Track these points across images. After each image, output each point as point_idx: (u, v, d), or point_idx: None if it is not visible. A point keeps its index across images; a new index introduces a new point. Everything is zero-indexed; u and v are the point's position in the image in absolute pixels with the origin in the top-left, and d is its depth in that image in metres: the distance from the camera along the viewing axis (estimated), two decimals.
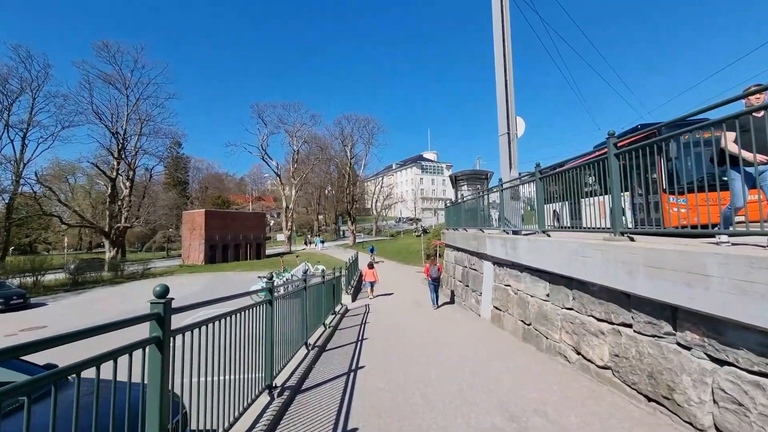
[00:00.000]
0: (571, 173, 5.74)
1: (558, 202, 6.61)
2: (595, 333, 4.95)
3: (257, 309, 3.96)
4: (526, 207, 8.53)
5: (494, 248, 8.87)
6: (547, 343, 6.26)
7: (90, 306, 18.07)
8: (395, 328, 9.23)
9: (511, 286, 8.02)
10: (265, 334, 4.17)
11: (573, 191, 5.73)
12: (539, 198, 6.73)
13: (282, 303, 4.98)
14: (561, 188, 6.03)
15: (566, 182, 5.83)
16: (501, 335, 7.84)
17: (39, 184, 30.41)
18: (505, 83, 10.13)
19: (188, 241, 40.22)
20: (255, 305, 3.88)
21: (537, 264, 6.51)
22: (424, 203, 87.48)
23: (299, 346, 6.09)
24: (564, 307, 5.79)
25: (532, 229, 7.70)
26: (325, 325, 8.52)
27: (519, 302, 7.53)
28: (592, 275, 4.81)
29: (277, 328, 4.53)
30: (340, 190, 63.71)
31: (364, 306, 13.70)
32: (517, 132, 10.30)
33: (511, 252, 7.66)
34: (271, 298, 4.24)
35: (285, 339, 5.16)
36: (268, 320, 4.22)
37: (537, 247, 6.42)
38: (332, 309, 10.65)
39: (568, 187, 5.76)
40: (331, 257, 36.46)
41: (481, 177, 18.31)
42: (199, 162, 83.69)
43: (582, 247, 4.98)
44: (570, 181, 5.75)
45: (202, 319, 2.94)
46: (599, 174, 4.99)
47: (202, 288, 22.23)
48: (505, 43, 10.14)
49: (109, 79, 34.76)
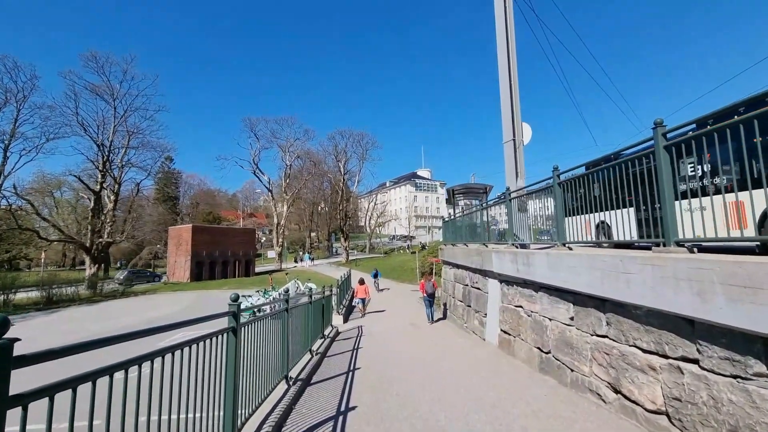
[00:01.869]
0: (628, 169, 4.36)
1: (605, 210, 4.92)
2: (641, 368, 4.01)
3: (216, 340, 2.98)
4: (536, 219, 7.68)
5: (502, 264, 7.96)
6: (573, 376, 5.30)
7: (58, 327, 16.63)
8: (392, 355, 8.18)
9: (523, 307, 7.08)
10: (227, 370, 3.18)
11: (638, 193, 4.27)
12: (558, 207, 5.88)
13: (254, 329, 3.99)
14: (609, 192, 4.68)
15: (623, 182, 4.41)
16: (513, 364, 6.85)
17: (17, 196, 29.03)
18: (510, 86, 9.47)
19: (174, 258, 38.66)
20: (212, 335, 2.90)
21: (557, 282, 5.60)
22: (417, 221, 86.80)
23: (278, 380, 5.05)
24: (595, 334, 4.86)
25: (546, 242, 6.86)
26: (311, 351, 7.45)
27: (534, 326, 6.58)
28: (637, 296, 3.92)
29: (243, 363, 3.53)
30: (333, 207, 62.73)
31: (356, 328, 12.60)
32: (524, 139, 9.58)
33: (524, 269, 6.75)
34: (236, 325, 3.26)
35: (259, 374, 4.14)
36: (230, 353, 3.23)
37: (558, 263, 5.53)
38: (321, 332, 9.57)
39: (633, 188, 4.31)
40: (323, 275, 35.19)
41: (479, 191, 17.54)
42: (190, 177, 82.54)
43: (622, 262, 4.10)
44: (630, 180, 4.35)
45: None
46: (640, 174, 4.17)
47: (183, 308, 20.86)
48: (509, 42, 9.54)
49: (97, 90, 33.85)
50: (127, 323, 16.00)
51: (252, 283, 31.34)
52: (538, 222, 7.57)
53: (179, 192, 79.80)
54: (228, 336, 3.21)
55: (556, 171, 5.89)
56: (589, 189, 5.13)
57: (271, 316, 4.84)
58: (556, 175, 5.89)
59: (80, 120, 32.84)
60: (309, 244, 68.18)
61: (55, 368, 1.57)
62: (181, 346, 2.47)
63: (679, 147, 3.60)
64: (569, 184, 5.75)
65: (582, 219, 5.48)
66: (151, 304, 23.49)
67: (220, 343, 3.09)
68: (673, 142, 3.65)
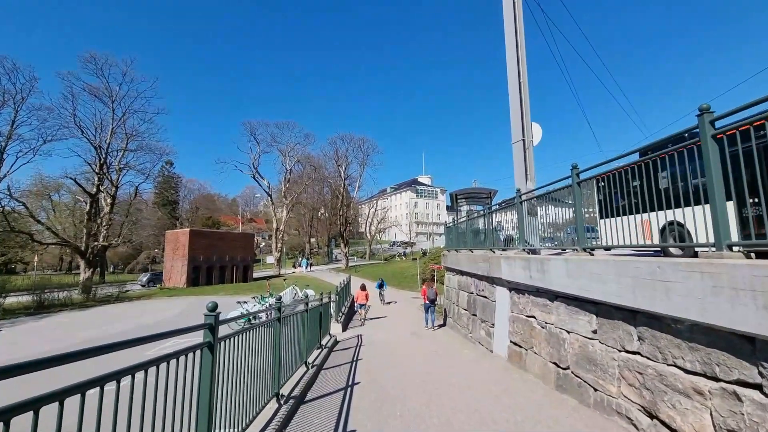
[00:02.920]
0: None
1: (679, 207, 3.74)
2: (683, 391, 3.48)
3: (186, 359, 2.46)
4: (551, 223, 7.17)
5: (512, 271, 7.44)
6: (597, 396, 4.75)
7: (45, 333, 16.02)
8: (394, 368, 7.61)
9: (537, 317, 6.55)
10: (201, 394, 2.65)
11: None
12: (578, 208, 5.38)
13: (239, 343, 3.46)
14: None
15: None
16: (525, 380, 6.29)
17: (11, 198, 28.52)
18: (519, 84, 9.02)
19: (170, 262, 38.00)
20: (179, 354, 2.38)
21: (577, 291, 5.08)
22: (418, 227, 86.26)
23: (268, 399, 4.51)
24: (624, 350, 4.32)
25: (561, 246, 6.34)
26: (307, 364, 6.89)
27: (549, 339, 6.04)
28: (679, 308, 3.40)
29: (225, 381, 3.00)
30: (333, 212, 62.22)
31: (356, 337, 12.01)
32: (534, 139, 9.11)
33: (538, 276, 6.23)
34: (212, 339, 2.73)
35: (244, 393, 3.61)
36: (206, 373, 2.70)
37: (579, 270, 5.01)
38: (318, 342, 9.01)
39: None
40: (322, 281, 34.56)
41: (483, 196, 17.05)
42: (190, 182, 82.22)
43: (661, 269, 3.59)
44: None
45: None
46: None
47: (176, 314, 20.24)
48: (517, 36, 9.11)
49: (95, 92, 33.50)
50: (116, 330, 15.41)
51: (249, 289, 30.71)
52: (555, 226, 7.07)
53: (179, 196, 79.40)
54: (203, 353, 2.69)
55: (575, 169, 5.40)
56: (648, 182, 4.03)
57: (259, 326, 4.31)
58: (575, 174, 5.40)
59: (77, 122, 32.44)
60: (308, 249, 67.52)
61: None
62: (136, 369, 1.94)
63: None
64: (612, 178, 4.79)
65: (632, 220, 4.39)
66: (144, 309, 22.85)
67: (193, 361, 2.57)
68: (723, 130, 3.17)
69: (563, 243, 6.32)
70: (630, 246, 4.50)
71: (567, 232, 6.37)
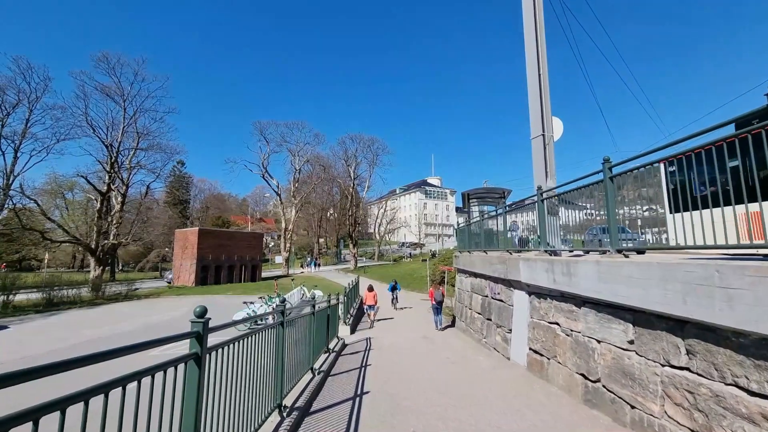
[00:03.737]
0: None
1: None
2: (748, 416, 2.98)
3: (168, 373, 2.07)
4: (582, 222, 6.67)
5: (533, 274, 6.95)
6: (635, 414, 4.25)
7: (52, 331, 15.93)
8: (405, 375, 7.17)
9: (561, 324, 6.05)
10: (185, 412, 2.26)
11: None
12: (611, 205, 4.88)
13: (232, 352, 3.06)
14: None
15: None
16: (549, 392, 5.80)
17: (23, 196, 28.82)
18: (539, 75, 8.52)
19: (179, 261, 38.09)
20: (156, 368, 1.98)
21: (610, 296, 4.59)
22: (427, 228, 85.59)
23: (269, 411, 4.11)
24: (668, 364, 3.82)
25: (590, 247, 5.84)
26: (313, 371, 6.50)
27: (575, 348, 5.54)
28: (743, 319, 2.91)
29: (214, 400, 2.60)
30: (342, 213, 61.99)
31: (365, 340, 11.60)
32: (554, 134, 8.60)
33: (563, 279, 5.74)
34: (199, 350, 2.34)
35: (239, 407, 3.22)
36: (191, 390, 2.31)
37: (612, 274, 4.52)
38: (325, 345, 8.62)
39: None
40: (331, 281, 34.27)
41: (497, 195, 16.51)
42: (201, 182, 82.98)
43: (719, 273, 3.09)
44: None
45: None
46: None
47: (183, 314, 20.06)
48: (536, 20, 8.61)
49: (107, 91, 33.77)
50: (123, 330, 15.26)
51: (257, 289, 30.55)
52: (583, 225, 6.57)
53: (190, 196, 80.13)
54: (187, 367, 2.29)
55: (607, 163, 4.91)
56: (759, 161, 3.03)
57: (260, 331, 3.91)
58: (607, 168, 4.90)
59: (89, 120, 32.72)
60: (317, 250, 67.39)
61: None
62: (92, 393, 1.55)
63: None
64: (694, 158, 3.63)
65: (725, 212, 3.30)
66: (152, 308, 22.78)
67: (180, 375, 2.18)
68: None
69: (593, 243, 5.81)
70: (724, 247, 3.36)
71: (593, 233, 5.87)
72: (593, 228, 6.18)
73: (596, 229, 5.84)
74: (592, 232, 5.90)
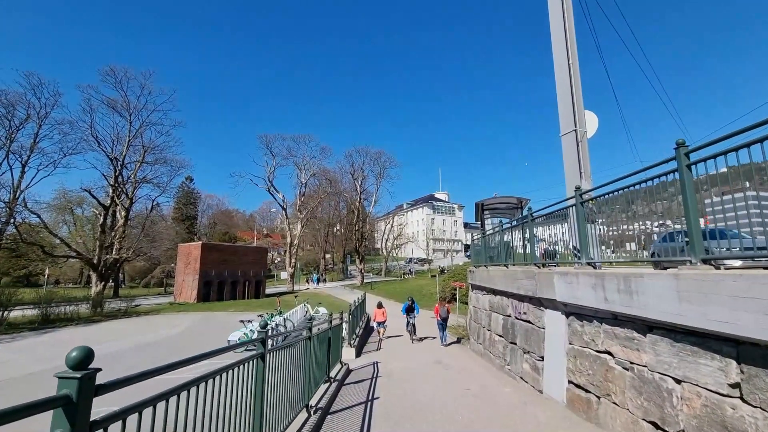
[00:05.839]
0: None
1: None
2: None
3: None
4: None
5: (573, 291, 5.80)
6: None
7: (42, 351, 14.94)
8: (419, 415, 5.96)
9: (615, 354, 4.87)
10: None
11: None
12: (691, 202, 3.78)
13: (199, 394, 1.99)
14: None
15: None
16: None
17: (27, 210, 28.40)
18: (568, 66, 7.54)
19: (182, 276, 37.16)
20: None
21: (699, 322, 3.45)
22: (435, 244, 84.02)
23: None
24: None
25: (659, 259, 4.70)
26: (309, 408, 5.35)
27: (640, 387, 4.35)
28: None
29: None
30: (348, 228, 60.98)
31: (371, 365, 10.37)
32: (587, 130, 7.56)
33: (618, 297, 4.59)
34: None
35: None
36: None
37: (705, 290, 3.38)
38: (326, 374, 7.45)
39: None
40: (336, 298, 33.01)
41: (513, 205, 15.39)
42: (209, 198, 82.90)
43: None
44: None
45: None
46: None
47: (181, 331, 19.01)
48: (565, 13, 7.69)
49: (113, 104, 33.73)
50: (111, 350, 14.20)
51: (260, 306, 29.41)
52: (645, 232, 5.45)
53: (197, 211, 79.99)
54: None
55: (683, 147, 3.82)
56: None
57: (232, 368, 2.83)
58: (683, 154, 3.82)
59: (94, 133, 32.56)
60: (323, 265, 66.20)
61: None
62: None
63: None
64: None
65: None
66: (149, 325, 21.73)
67: None
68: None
69: (664, 252, 4.68)
70: None
71: (660, 240, 4.74)
72: (661, 237, 5.06)
73: (666, 236, 4.73)
74: (664, 240, 4.77)
